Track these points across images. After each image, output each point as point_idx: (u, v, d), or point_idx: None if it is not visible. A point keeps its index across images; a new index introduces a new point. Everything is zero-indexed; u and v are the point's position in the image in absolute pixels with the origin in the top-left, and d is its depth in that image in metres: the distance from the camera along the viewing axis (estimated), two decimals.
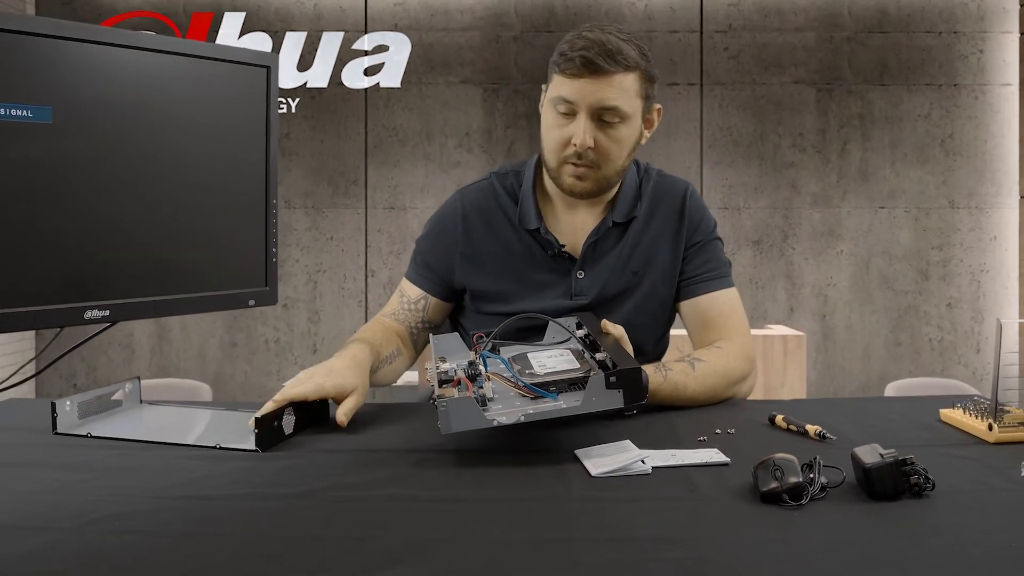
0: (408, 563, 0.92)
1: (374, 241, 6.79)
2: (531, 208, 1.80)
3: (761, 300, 6.76)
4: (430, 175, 6.77)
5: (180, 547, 0.98)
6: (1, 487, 1.15)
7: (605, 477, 1.18)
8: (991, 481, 1.16)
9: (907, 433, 1.36)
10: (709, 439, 1.33)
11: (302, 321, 6.78)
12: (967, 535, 0.99)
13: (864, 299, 6.76)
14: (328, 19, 6.77)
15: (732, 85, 6.77)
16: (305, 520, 1.05)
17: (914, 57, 6.75)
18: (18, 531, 1.01)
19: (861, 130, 6.76)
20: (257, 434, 1.27)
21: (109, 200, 1.13)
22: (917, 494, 1.10)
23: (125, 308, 1.14)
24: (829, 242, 6.77)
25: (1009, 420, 1.28)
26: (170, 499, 1.11)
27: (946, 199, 6.74)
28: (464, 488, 1.17)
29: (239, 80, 1.24)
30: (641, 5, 6.77)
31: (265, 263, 1.27)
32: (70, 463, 1.24)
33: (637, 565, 0.92)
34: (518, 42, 6.79)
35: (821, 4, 6.79)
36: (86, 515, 1.05)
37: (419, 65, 6.75)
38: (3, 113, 1.05)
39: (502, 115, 6.78)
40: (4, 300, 1.06)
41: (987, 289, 6.74)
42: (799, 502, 1.07)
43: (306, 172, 6.75)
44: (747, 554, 0.95)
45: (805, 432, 1.33)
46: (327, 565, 0.92)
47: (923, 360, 6.74)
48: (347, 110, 6.77)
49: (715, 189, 6.75)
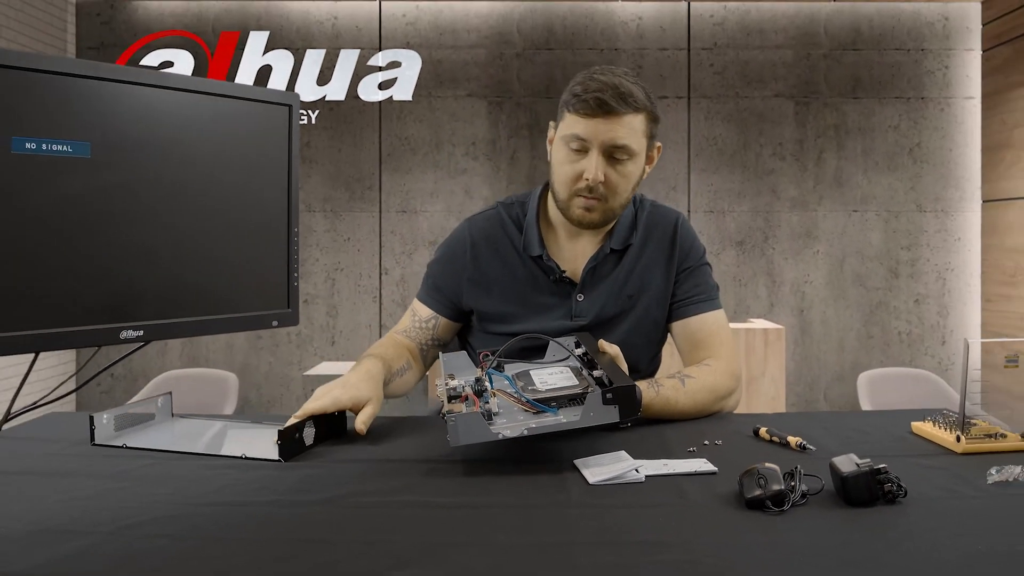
0: (418, 565, 0.92)
1: (388, 242, 6.79)
2: (535, 236, 1.79)
3: (744, 296, 6.76)
4: (439, 181, 6.76)
5: (207, 550, 0.97)
6: (43, 494, 1.14)
7: (602, 485, 1.18)
8: (959, 489, 1.15)
9: (881, 444, 1.35)
10: (698, 450, 1.32)
11: (321, 315, 6.78)
12: (937, 539, 0.99)
13: (838, 295, 6.76)
14: (345, 37, 6.76)
15: (717, 98, 6.76)
16: (323, 524, 1.05)
17: (884, 72, 6.73)
18: (59, 535, 1.01)
19: (836, 140, 6.75)
20: (280, 445, 1.26)
21: (143, 228, 1.13)
22: (890, 501, 1.09)
23: (157, 328, 1.13)
24: (806, 243, 6.76)
25: (975, 432, 1.27)
26: (199, 505, 1.11)
27: (914, 203, 6.74)
28: (471, 495, 1.16)
29: (263, 117, 1.23)
30: (633, 25, 6.75)
31: (287, 287, 1.26)
32: (107, 472, 1.23)
33: (632, 567, 0.91)
34: (520, 59, 6.77)
35: (799, 23, 6.77)
36: (121, 520, 1.05)
37: (429, 80, 6.74)
38: (45, 148, 1.04)
39: (505, 126, 6.77)
40: (47, 322, 1.06)
41: (952, 286, 6.74)
42: (781, 508, 1.06)
43: (325, 178, 6.75)
44: (734, 556, 0.95)
45: (787, 443, 1.32)
46: (342, 567, 0.92)
47: (893, 351, 6.74)
48: (363, 121, 6.76)
49: (701, 194, 6.74)
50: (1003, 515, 1.06)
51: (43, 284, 1.05)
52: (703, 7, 6.76)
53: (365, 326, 6.80)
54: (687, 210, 6.75)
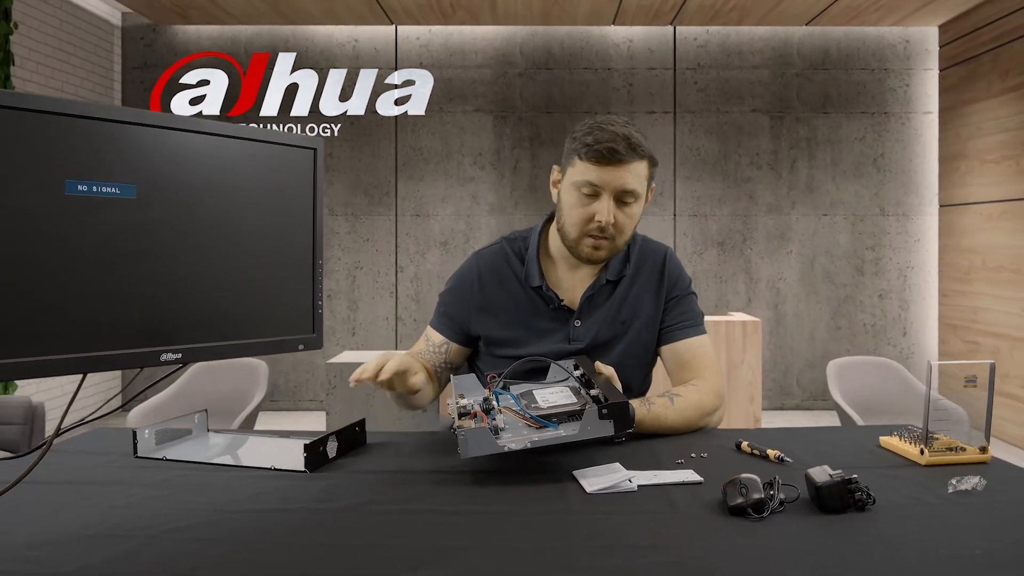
0: (429, 567, 0.91)
1: (403, 242, 6.78)
2: (535, 269, 1.77)
3: (724, 292, 6.75)
4: (449, 188, 6.75)
5: (239, 553, 0.96)
6: (91, 503, 1.14)
7: (598, 494, 1.17)
8: (923, 497, 1.14)
9: (852, 457, 1.33)
10: (685, 462, 1.31)
11: (343, 308, 6.77)
12: (903, 543, 0.98)
13: (810, 291, 6.75)
14: (364, 58, 6.74)
15: (700, 113, 6.73)
16: (344, 530, 1.04)
17: (851, 90, 6.71)
18: (104, 539, 1.00)
19: (807, 151, 6.73)
20: (306, 458, 1.25)
21: (181, 261, 1.11)
22: (861, 508, 1.08)
23: (195, 351, 1.12)
24: (781, 244, 6.75)
25: (937, 446, 1.26)
26: (232, 512, 1.10)
27: (878, 208, 6.72)
28: (478, 503, 1.15)
29: (291, 160, 1.21)
30: (625, 47, 6.73)
31: (312, 313, 1.24)
32: (148, 482, 1.22)
33: (626, 568, 0.91)
34: (522, 77, 6.75)
35: (774, 46, 6.74)
36: (161, 526, 1.04)
37: (440, 96, 6.73)
38: (95, 190, 1.03)
39: (509, 138, 6.75)
40: (95, 345, 1.04)
41: (912, 283, 6.73)
42: (761, 515, 1.06)
43: (346, 185, 6.74)
44: (718, 559, 0.94)
45: (766, 456, 1.31)
46: (360, 569, 0.92)
47: (859, 341, 6.74)
48: (380, 134, 6.75)
49: (686, 199, 6.72)
50: (962, 521, 1.05)
51: (91, 311, 1.03)
52: (688, 31, 6.73)
53: (383, 319, 6.80)
54: (672, 215, 6.74)
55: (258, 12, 6.38)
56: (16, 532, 1.03)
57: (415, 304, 6.79)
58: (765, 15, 6.35)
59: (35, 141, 0.99)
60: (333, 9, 6.28)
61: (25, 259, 0.99)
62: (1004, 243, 5.69)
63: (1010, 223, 5.62)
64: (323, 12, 6.36)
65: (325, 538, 1.01)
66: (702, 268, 6.76)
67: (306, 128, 6.66)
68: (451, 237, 6.78)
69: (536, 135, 6.75)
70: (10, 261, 0.97)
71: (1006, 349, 5.69)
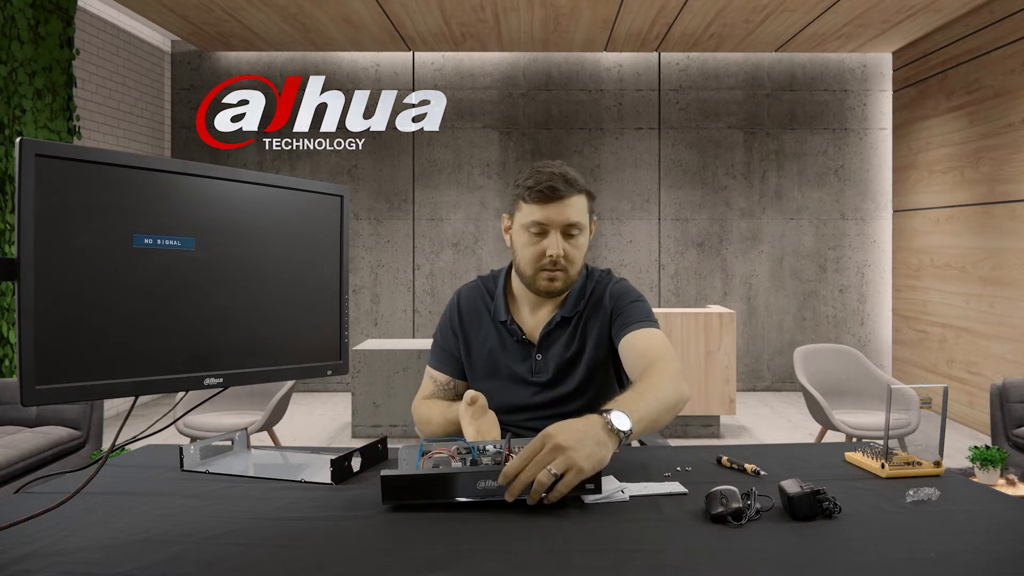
0: (446, 568, 0.90)
1: (419, 243, 6.77)
2: (502, 305, 1.71)
3: (703, 287, 6.73)
4: (460, 195, 6.73)
5: (275, 556, 0.95)
6: (141, 512, 1.12)
7: (594, 503, 1.15)
8: (883, 506, 1.12)
9: (821, 470, 1.31)
10: (672, 475, 1.28)
11: (366, 302, 6.77)
12: (866, 547, 0.96)
13: (778, 286, 6.73)
14: (385, 81, 6.70)
15: (682, 129, 6.69)
16: (366, 536, 1.02)
17: (815, 108, 6.67)
18: (153, 544, 0.99)
19: (776, 162, 6.69)
20: (332, 472, 1.23)
21: (224, 295, 1.09)
22: (828, 516, 1.06)
23: (235, 376, 1.10)
24: (753, 244, 6.72)
25: (896, 461, 1.24)
26: (268, 520, 1.08)
27: (839, 213, 6.68)
28: (489, 513, 1.12)
29: (321, 205, 1.18)
30: (615, 71, 6.68)
31: (339, 342, 1.22)
32: (193, 493, 1.20)
33: (620, 568, 0.90)
34: (525, 97, 6.71)
35: (747, 70, 6.69)
36: (205, 532, 1.03)
37: (452, 114, 6.69)
38: (160, 243, 1.02)
39: (513, 151, 6.72)
40: (146, 370, 1.03)
41: (869, 279, 6.70)
42: (740, 522, 1.04)
43: (369, 192, 6.72)
44: (701, 561, 0.93)
45: (744, 470, 1.28)
46: (383, 570, 0.90)
47: (822, 331, 6.72)
48: (399, 147, 6.72)
49: (669, 205, 6.69)
50: (918, 528, 1.04)
51: (143, 341, 1.02)
52: (671, 56, 6.68)
53: (401, 311, 6.78)
54: (657, 219, 6.71)
55: (291, 40, 6.34)
56: (75, 538, 1.01)
57: (430, 298, 6.78)
58: (739, 43, 6.30)
59: (105, 193, 0.99)
60: (358, 37, 6.24)
61: (93, 298, 0.98)
62: (950, 244, 5.66)
63: (955, 226, 5.59)
64: (349, 40, 6.32)
65: (350, 543, 1.00)
66: (683, 266, 6.73)
67: (334, 142, 6.63)
68: (462, 238, 6.76)
69: (537, 148, 6.72)
70: (80, 300, 0.97)
71: (952, 337, 5.66)
